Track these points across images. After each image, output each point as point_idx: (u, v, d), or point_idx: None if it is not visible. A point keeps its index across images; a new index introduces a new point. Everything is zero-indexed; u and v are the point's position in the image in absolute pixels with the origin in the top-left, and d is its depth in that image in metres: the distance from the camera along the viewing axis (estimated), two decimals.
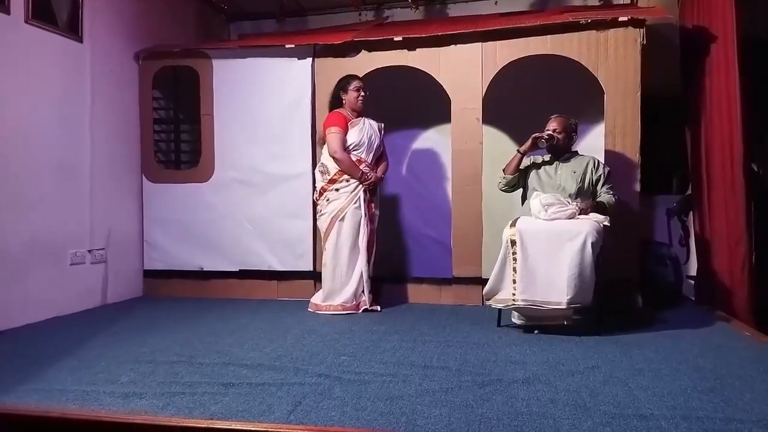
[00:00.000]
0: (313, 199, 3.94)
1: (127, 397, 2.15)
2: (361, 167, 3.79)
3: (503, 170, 3.60)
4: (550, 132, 3.45)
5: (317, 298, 3.87)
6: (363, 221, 3.80)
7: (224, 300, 4.24)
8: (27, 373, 2.45)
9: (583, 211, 3.24)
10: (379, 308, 3.84)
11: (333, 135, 3.77)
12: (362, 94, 3.87)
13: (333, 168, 3.79)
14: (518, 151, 3.52)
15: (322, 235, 3.86)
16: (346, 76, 3.95)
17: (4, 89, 3.34)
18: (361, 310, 3.78)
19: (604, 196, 3.41)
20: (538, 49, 3.91)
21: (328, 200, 3.80)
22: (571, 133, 3.51)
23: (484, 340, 3.03)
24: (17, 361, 2.65)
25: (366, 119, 3.88)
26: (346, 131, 3.80)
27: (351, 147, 3.80)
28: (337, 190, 3.78)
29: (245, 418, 1.93)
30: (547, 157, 3.56)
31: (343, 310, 3.74)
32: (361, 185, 3.79)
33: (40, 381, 2.35)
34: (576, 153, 3.56)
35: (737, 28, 3.59)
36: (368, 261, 3.86)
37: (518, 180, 3.61)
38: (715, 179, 3.79)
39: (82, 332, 3.23)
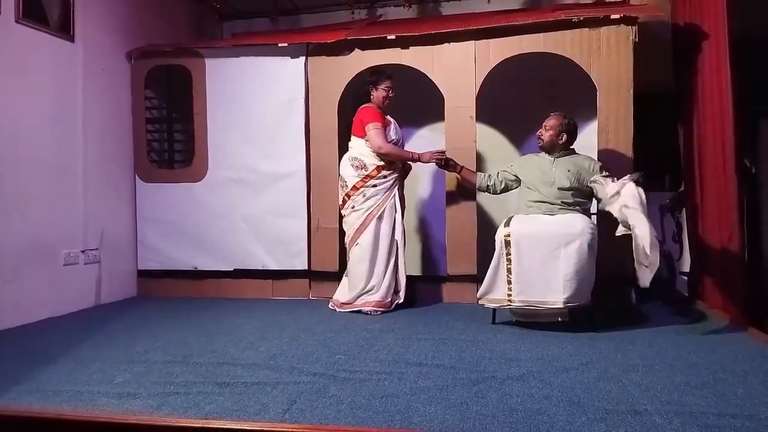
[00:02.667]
0: (344, 195, 3.81)
1: (122, 398, 2.14)
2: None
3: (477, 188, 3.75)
4: (439, 153, 3.79)
5: (344, 296, 3.81)
6: (398, 218, 3.79)
7: (219, 299, 4.23)
8: (21, 374, 2.44)
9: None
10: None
11: (376, 131, 3.70)
12: (391, 95, 3.85)
13: (371, 164, 3.73)
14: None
15: (352, 230, 3.76)
16: (379, 71, 3.92)
17: None
18: (393, 307, 3.76)
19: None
20: (531, 47, 3.92)
21: (364, 196, 3.72)
22: (560, 132, 3.46)
23: (478, 337, 3.04)
24: (11, 363, 2.64)
25: (390, 117, 3.89)
26: (385, 128, 3.77)
27: (392, 143, 3.80)
28: (374, 186, 3.73)
29: (240, 418, 1.93)
30: (544, 155, 3.56)
31: (379, 307, 3.70)
32: (396, 181, 3.79)
33: (35, 382, 2.34)
34: (573, 151, 3.54)
35: (728, 24, 3.61)
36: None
37: (502, 183, 3.68)
38: (708, 175, 3.81)
39: (76, 333, 3.22)
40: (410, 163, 3.91)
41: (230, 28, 5.63)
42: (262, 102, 4.29)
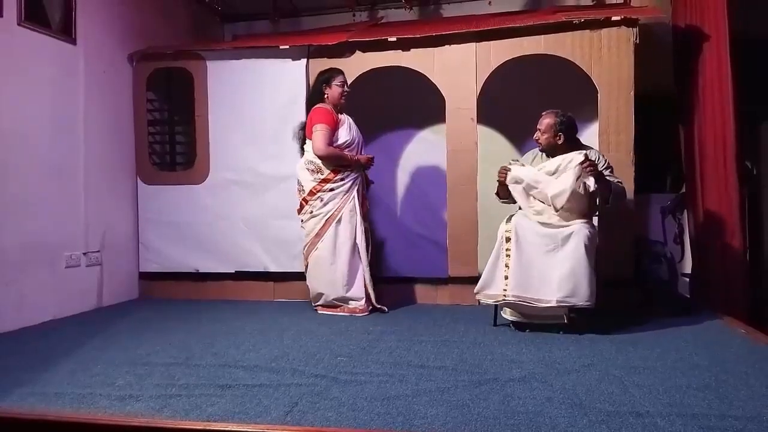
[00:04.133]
0: (302, 199, 3.77)
1: (124, 400, 2.14)
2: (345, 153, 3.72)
3: (497, 194, 3.54)
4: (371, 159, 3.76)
5: (319, 300, 3.81)
6: (358, 220, 3.76)
7: (220, 301, 4.24)
8: (23, 376, 2.44)
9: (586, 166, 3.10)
10: (386, 309, 3.79)
11: (320, 132, 3.62)
12: (346, 89, 3.79)
13: (326, 167, 3.71)
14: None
15: (311, 236, 3.74)
16: (330, 69, 3.87)
17: None
18: (368, 311, 3.74)
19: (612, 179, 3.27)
20: (532, 49, 3.92)
21: (321, 200, 3.70)
22: (557, 133, 3.30)
23: (480, 339, 3.04)
24: (13, 364, 2.64)
25: (346, 116, 3.83)
26: (334, 129, 3.70)
27: (344, 146, 3.74)
28: (331, 190, 3.70)
29: (242, 420, 1.93)
30: (540, 156, 3.50)
31: (352, 312, 3.70)
32: (354, 183, 3.73)
33: (36, 384, 2.34)
34: (576, 146, 3.38)
35: (729, 26, 3.62)
36: (368, 260, 3.81)
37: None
38: (709, 177, 3.81)
39: (77, 335, 3.22)
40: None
41: (231, 30, 5.63)
42: (264, 104, 4.29)
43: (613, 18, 3.77)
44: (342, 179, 3.71)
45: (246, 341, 3.03)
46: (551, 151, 3.39)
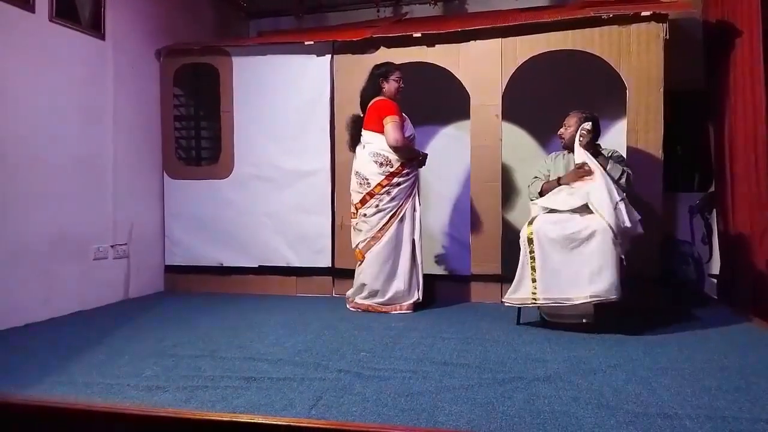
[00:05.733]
0: (366, 194, 3.68)
1: (151, 391, 2.18)
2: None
3: (539, 193, 3.46)
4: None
5: (360, 296, 3.75)
6: (417, 216, 3.75)
7: (244, 295, 4.28)
8: (51, 366, 2.50)
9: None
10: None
11: (395, 124, 3.57)
12: (402, 85, 3.77)
13: (396, 160, 3.64)
14: (559, 182, 3.38)
15: (374, 231, 3.67)
16: (387, 63, 3.85)
17: (29, 87, 3.39)
18: (413, 310, 3.71)
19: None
20: (559, 44, 3.88)
21: (389, 194, 3.63)
22: (577, 131, 3.33)
23: (503, 337, 3.02)
24: (42, 355, 2.70)
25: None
26: (403, 121, 3.69)
27: (409, 139, 3.74)
28: (398, 184, 3.66)
29: (267, 413, 1.95)
30: (563, 155, 3.51)
31: (410, 309, 3.69)
32: (417, 179, 3.75)
33: (65, 374, 2.39)
34: (597, 147, 3.39)
35: (763, 22, 3.53)
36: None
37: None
38: (739, 176, 3.73)
39: (105, 326, 3.28)
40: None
41: (256, 27, 5.67)
42: (288, 100, 4.31)
43: (643, 13, 3.71)
44: (408, 173, 3.69)
45: (270, 335, 3.06)
46: (573, 146, 3.39)
